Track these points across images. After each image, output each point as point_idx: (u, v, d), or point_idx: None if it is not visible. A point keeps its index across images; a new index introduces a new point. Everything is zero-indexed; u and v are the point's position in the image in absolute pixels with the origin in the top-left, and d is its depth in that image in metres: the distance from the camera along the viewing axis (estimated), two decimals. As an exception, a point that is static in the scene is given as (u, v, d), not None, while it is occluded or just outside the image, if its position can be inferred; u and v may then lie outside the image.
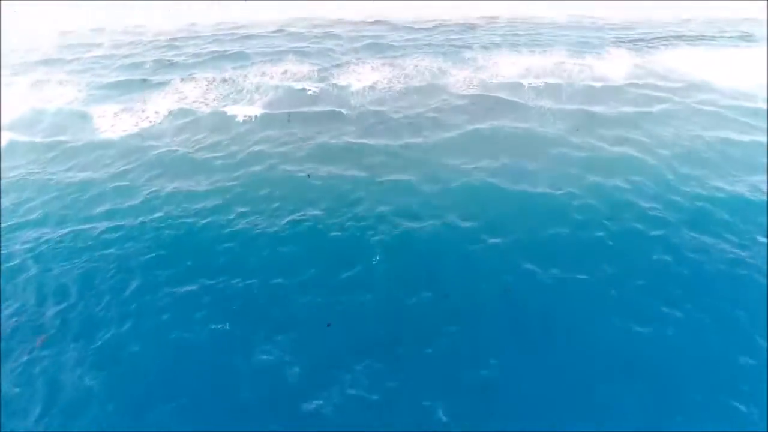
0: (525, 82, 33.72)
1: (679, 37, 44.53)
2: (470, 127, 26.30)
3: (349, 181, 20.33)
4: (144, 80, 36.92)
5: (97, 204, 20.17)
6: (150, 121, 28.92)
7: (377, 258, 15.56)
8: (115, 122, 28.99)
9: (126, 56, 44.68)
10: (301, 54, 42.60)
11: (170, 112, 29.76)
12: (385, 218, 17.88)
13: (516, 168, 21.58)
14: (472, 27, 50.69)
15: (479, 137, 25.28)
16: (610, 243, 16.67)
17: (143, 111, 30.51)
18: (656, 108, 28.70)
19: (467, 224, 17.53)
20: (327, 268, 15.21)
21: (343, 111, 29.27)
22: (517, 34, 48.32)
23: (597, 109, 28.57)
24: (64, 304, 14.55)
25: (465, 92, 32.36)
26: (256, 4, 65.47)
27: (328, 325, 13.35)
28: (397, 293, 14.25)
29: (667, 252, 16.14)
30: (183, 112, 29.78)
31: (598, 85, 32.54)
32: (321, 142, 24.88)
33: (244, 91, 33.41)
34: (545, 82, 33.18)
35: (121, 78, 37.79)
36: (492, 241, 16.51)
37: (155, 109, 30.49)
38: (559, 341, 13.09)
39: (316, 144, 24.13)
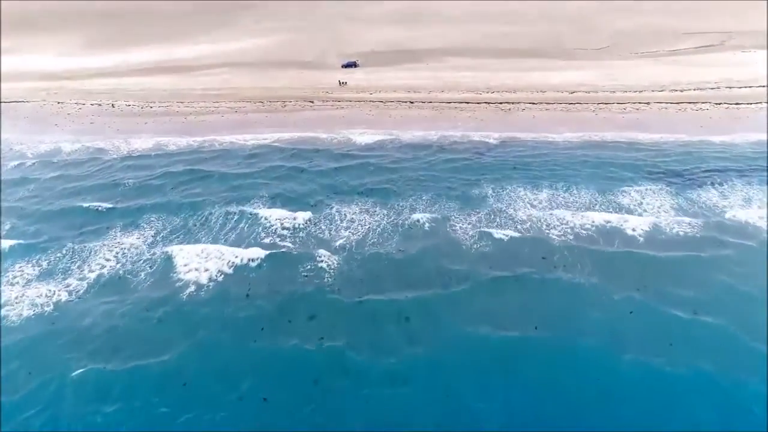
0: (553, 236, 29.37)
1: (725, 171, 40.78)
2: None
3: None
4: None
5: None
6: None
7: None
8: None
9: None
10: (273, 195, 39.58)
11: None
12: None
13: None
14: (479, 152, 47.73)
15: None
16: None
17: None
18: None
19: None
20: None
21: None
22: (531, 162, 45.21)
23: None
24: None
25: (476, 266, 27.87)
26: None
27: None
28: None
29: None
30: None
31: (647, 253, 27.93)
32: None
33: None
34: (576, 245, 28.73)
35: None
36: None
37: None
38: None
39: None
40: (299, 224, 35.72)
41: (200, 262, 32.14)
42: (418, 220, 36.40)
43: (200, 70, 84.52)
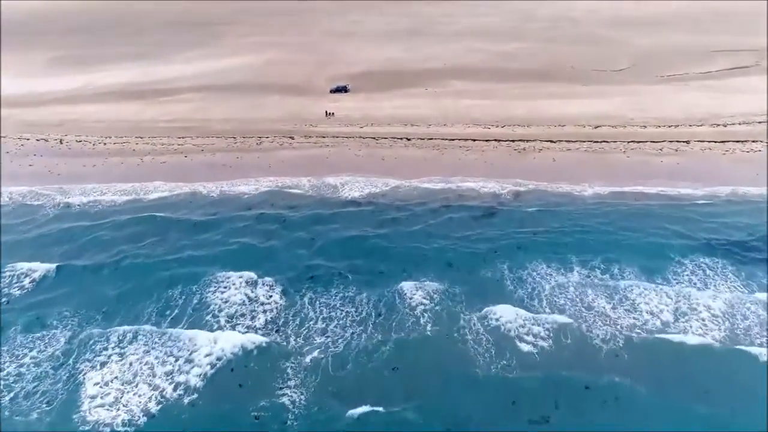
0: (599, 358, 22.42)
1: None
2: None
3: None
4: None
5: None
6: None
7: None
8: None
9: None
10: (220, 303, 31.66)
11: None
12: None
13: None
14: (491, 211, 40.45)
15: None
16: None
17: None
18: None
19: None
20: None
21: None
22: (555, 225, 37.90)
23: None
24: None
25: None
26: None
27: None
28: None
29: None
30: None
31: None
32: None
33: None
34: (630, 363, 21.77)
35: None
36: None
37: None
38: None
39: None
40: (255, 340, 27.94)
41: (117, 395, 24.64)
42: (416, 321, 29.04)
43: (171, 96, 77.55)
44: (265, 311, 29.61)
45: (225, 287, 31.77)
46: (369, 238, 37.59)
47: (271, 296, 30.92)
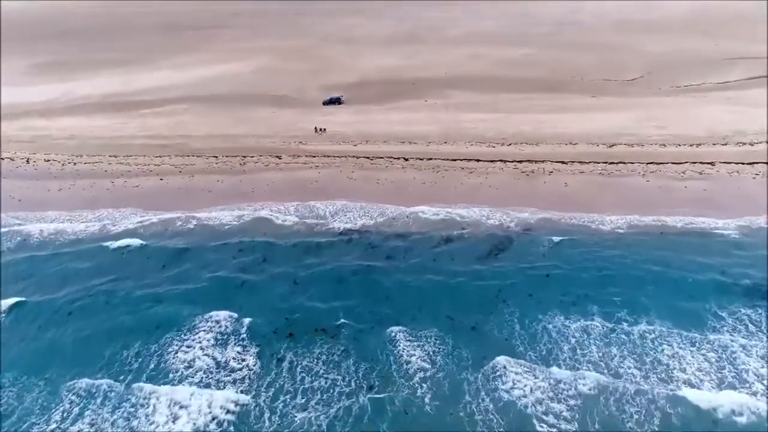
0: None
1: None
2: None
3: None
4: None
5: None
6: None
7: None
8: None
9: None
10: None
11: None
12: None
13: None
14: (498, 246, 36.47)
15: None
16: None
17: None
18: None
19: None
20: None
21: None
22: (570, 265, 33.89)
23: None
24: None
25: None
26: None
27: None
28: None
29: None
30: None
31: None
32: None
33: None
34: None
35: None
36: None
37: None
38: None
39: None
40: (222, 419, 23.94)
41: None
42: (414, 393, 25.06)
43: (153, 107, 73.55)
44: (234, 381, 25.55)
45: (188, 346, 27.77)
46: (360, 281, 33.49)
47: (243, 360, 26.85)
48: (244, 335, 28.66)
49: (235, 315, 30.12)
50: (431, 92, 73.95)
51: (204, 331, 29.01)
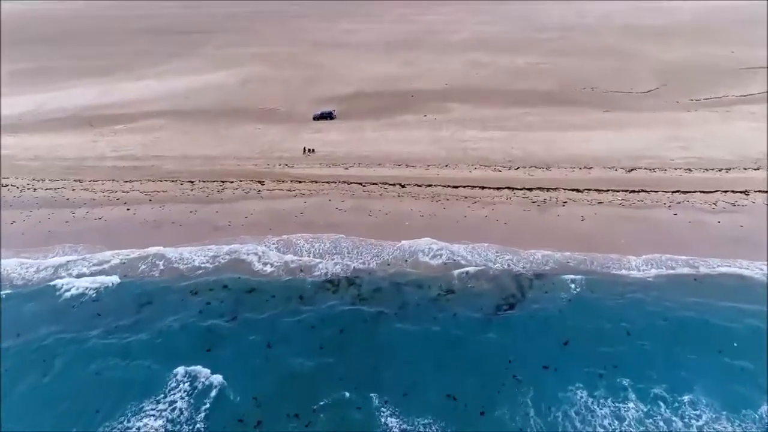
0: None
1: None
2: None
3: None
4: None
5: None
6: None
7: None
8: None
9: None
10: None
11: None
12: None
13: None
14: (507, 302, 31.80)
15: None
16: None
17: None
18: None
19: None
20: None
21: None
22: (593, 325, 29.20)
23: None
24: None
25: None
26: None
27: None
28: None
29: None
30: None
31: None
32: None
33: None
34: None
35: None
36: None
37: None
38: None
39: None
40: None
41: None
42: None
43: (128, 122, 68.78)
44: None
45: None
46: (345, 345, 28.82)
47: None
48: (200, 426, 23.98)
49: (192, 399, 25.45)
50: (431, 106, 69.23)
51: (153, 417, 24.38)
